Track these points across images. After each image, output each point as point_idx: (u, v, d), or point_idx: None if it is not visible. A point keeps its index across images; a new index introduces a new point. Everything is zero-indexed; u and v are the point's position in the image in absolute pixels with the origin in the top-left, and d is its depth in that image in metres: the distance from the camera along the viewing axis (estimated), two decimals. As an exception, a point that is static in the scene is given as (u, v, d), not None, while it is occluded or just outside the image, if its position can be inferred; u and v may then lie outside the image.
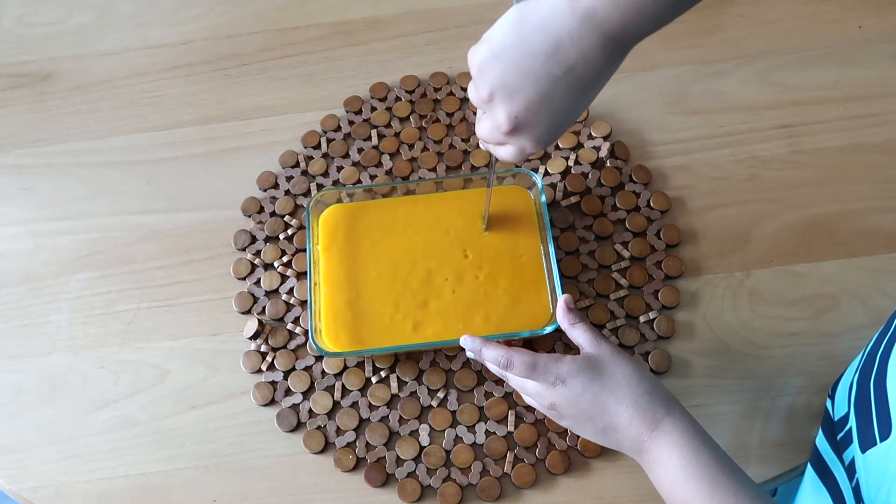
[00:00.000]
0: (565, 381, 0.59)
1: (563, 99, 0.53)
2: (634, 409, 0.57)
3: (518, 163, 0.62)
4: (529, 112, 0.53)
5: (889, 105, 0.82)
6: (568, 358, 0.60)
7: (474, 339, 0.64)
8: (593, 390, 0.59)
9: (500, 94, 0.53)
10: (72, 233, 0.79)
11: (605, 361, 0.60)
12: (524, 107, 0.53)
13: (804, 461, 0.67)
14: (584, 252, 0.75)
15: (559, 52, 0.51)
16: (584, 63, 0.51)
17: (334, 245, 0.74)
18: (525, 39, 0.52)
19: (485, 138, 0.57)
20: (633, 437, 0.58)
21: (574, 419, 0.61)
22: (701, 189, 0.79)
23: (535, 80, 0.52)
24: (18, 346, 0.74)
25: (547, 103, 0.53)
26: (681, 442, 0.56)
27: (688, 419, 0.57)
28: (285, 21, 0.91)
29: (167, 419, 0.70)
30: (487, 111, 0.55)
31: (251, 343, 0.72)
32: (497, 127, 0.54)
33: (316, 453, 0.68)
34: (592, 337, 0.61)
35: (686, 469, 0.55)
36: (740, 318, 0.72)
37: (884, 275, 0.73)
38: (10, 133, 0.85)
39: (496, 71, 0.53)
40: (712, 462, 0.55)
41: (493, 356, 0.62)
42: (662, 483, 0.56)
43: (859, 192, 0.78)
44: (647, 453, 0.57)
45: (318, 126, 0.83)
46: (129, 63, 0.89)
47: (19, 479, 0.68)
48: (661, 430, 0.56)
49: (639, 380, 0.58)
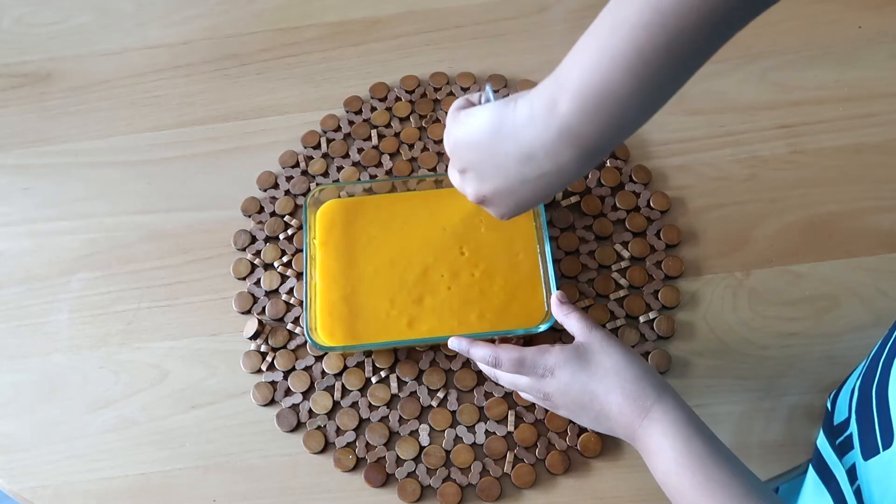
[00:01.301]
0: (553, 371, 0.60)
1: (531, 192, 0.55)
2: (623, 397, 0.57)
3: None
4: (496, 196, 0.56)
5: (889, 105, 0.82)
6: (555, 349, 0.60)
7: (461, 340, 0.65)
8: (581, 380, 0.59)
9: (472, 174, 0.56)
10: (72, 233, 0.79)
11: (594, 349, 0.60)
12: (492, 191, 0.56)
13: (804, 461, 0.66)
14: (584, 252, 0.75)
15: (532, 160, 0.52)
16: (557, 171, 0.53)
17: (331, 240, 0.74)
18: (499, 143, 0.53)
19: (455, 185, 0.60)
20: (625, 425, 0.58)
21: (568, 409, 0.61)
22: (701, 189, 0.79)
23: (506, 176, 0.54)
24: (18, 346, 0.74)
25: (514, 194, 0.55)
26: (672, 431, 0.55)
27: (680, 407, 0.57)
28: (285, 21, 0.91)
29: (167, 419, 0.70)
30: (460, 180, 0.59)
31: (251, 343, 0.72)
32: (467, 194, 0.58)
33: (316, 453, 0.68)
34: (585, 325, 0.61)
35: (678, 459, 0.54)
36: (740, 318, 0.72)
37: (884, 275, 0.73)
38: (10, 133, 0.85)
39: (470, 156, 0.56)
40: (704, 451, 0.54)
41: (481, 355, 0.63)
42: (656, 471, 0.56)
43: (859, 192, 0.78)
44: (640, 440, 0.57)
45: (318, 126, 0.83)
46: (129, 63, 0.89)
47: (19, 479, 0.68)
48: (651, 417, 0.56)
49: (627, 366, 0.58)
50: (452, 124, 0.57)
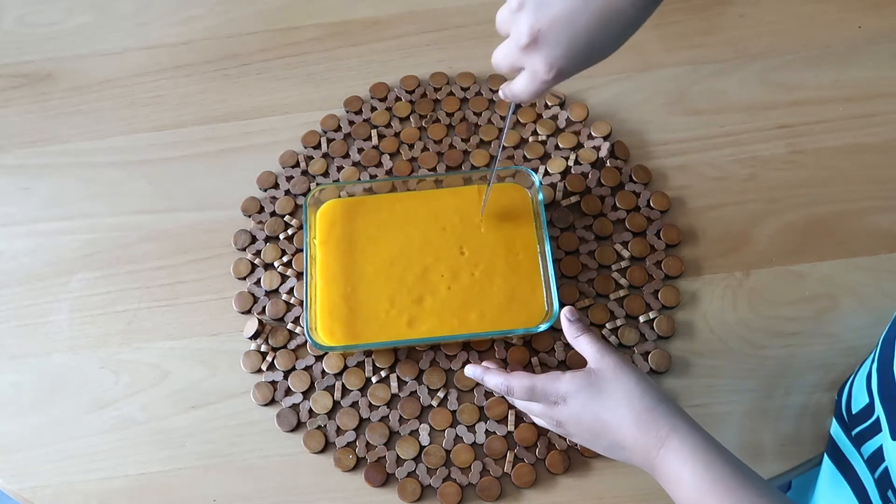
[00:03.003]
0: (566, 400, 0.59)
1: (587, 24, 0.52)
2: (637, 428, 0.56)
3: (531, 101, 0.59)
4: (552, 28, 0.52)
5: (889, 105, 0.82)
6: (567, 376, 0.59)
7: (475, 368, 0.65)
8: (593, 409, 0.58)
9: (531, 3, 0.52)
10: (72, 233, 0.79)
11: (606, 378, 0.58)
12: (548, 20, 0.52)
13: (806, 459, 0.67)
14: (584, 252, 0.75)
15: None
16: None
17: (331, 239, 0.74)
18: None
19: (499, 61, 0.56)
20: (641, 455, 0.57)
21: (581, 437, 0.60)
22: (701, 189, 0.79)
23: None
24: (18, 346, 0.74)
25: (571, 24, 0.52)
26: (692, 458, 0.54)
27: (696, 433, 0.55)
28: (285, 21, 0.91)
29: (167, 419, 0.70)
30: (513, 25, 0.54)
31: (251, 343, 0.72)
32: (517, 39, 0.53)
33: (316, 453, 0.68)
34: (597, 349, 0.60)
35: (702, 486, 0.53)
36: (740, 318, 0.72)
37: (884, 275, 0.73)
38: (10, 133, 0.85)
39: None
40: (727, 474, 0.53)
41: (494, 384, 0.63)
42: (680, 499, 0.55)
43: (859, 192, 0.78)
44: (658, 470, 0.56)
45: (318, 126, 0.83)
46: (129, 63, 0.89)
47: (19, 479, 0.68)
48: (668, 447, 0.55)
49: (640, 396, 0.57)
50: None
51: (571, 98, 0.84)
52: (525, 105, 0.82)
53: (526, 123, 0.82)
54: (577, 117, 0.82)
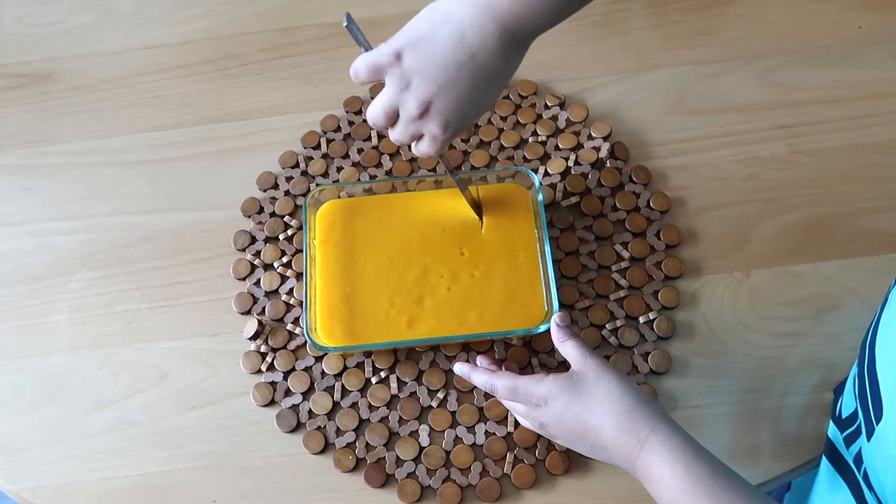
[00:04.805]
0: (547, 401, 0.60)
1: (466, 86, 0.59)
2: (617, 429, 0.57)
3: (437, 155, 0.65)
4: (438, 97, 0.59)
5: (889, 105, 0.82)
6: (549, 378, 0.60)
7: (463, 366, 0.66)
8: (574, 410, 0.58)
9: (416, 78, 0.59)
10: (72, 233, 0.79)
11: (588, 379, 0.59)
12: (434, 92, 0.59)
13: (806, 459, 0.67)
14: (584, 252, 0.75)
15: (464, 40, 0.58)
16: (485, 52, 0.58)
17: (331, 240, 0.74)
18: (435, 29, 0.59)
19: (399, 138, 0.62)
20: (622, 455, 0.57)
21: (564, 438, 0.61)
22: (701, 189, 0.78)
23: (444, 67, 0.58)
24: (18, 346, 0.74)
25: (454, 89, 0.59)
26: (671, 459, 0.55)
27: (677, 434, 0.56)
28: (285, 21, 0.91)
29: (167, 419, 0.70)
30: (401, 103, 0.60)
31: (251, 343, 0.72)
32: (409, 113, 0.60)
33: (316, 454, 0.68)
34: (580, 353, 0.61)
35: (680, 486, 0.54)
36: (740, 318, 0.72)
37: (884, 275, 0.73)
38: (10, 133, 0.85)
39: (412, 58, 0.59)
40: (707, 475, 0.54)
41: (480, 382, 0.65)
42: (661, 499, 0.56)
43: (859, 192, 0.78)
44: (640, 471, 0.56)
45: (317, 126, 0.83)
46: (129, 63, 0.89)
47: (19, 479, 0.68)
48: (648, 448, 0.56)
49: (620, 396, 0.57)
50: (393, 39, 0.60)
51: (571, 98, 0.84)
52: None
53: (526, 124, 0.82)
54: (577, 118, 0.82)
